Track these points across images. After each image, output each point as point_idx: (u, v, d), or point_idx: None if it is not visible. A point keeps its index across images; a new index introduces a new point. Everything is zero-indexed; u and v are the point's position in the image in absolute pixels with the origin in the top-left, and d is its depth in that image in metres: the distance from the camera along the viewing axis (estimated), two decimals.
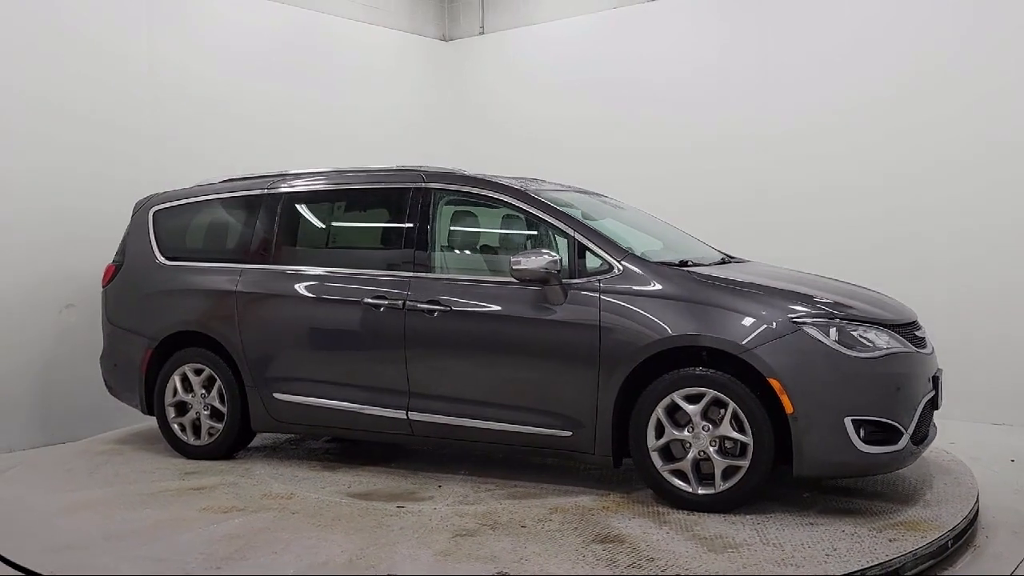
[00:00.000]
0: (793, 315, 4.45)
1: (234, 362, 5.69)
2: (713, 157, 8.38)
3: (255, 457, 5.87)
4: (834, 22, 7.86)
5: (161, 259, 6.08)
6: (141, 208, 6.35)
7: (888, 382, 4.41)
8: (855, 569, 3.75)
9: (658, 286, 4.69)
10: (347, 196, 5.82)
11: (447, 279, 5.20)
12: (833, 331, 4.40)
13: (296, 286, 5.56)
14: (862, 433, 4.32)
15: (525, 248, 5.33)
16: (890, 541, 4.06)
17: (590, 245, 4.89)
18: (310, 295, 5.51)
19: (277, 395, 5.57)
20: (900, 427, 4.41)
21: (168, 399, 5.91)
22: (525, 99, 9.63)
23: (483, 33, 10.05)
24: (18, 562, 4.08)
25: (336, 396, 5.41)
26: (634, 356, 4.60)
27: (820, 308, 4.51)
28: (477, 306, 5.03)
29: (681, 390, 4.52)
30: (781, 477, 4.56)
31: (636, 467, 4.70)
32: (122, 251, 6.30)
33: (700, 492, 4.51)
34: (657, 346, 4.56)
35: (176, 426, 5.91)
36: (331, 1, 9.08)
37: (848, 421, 4.30)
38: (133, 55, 7.39)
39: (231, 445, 5.79)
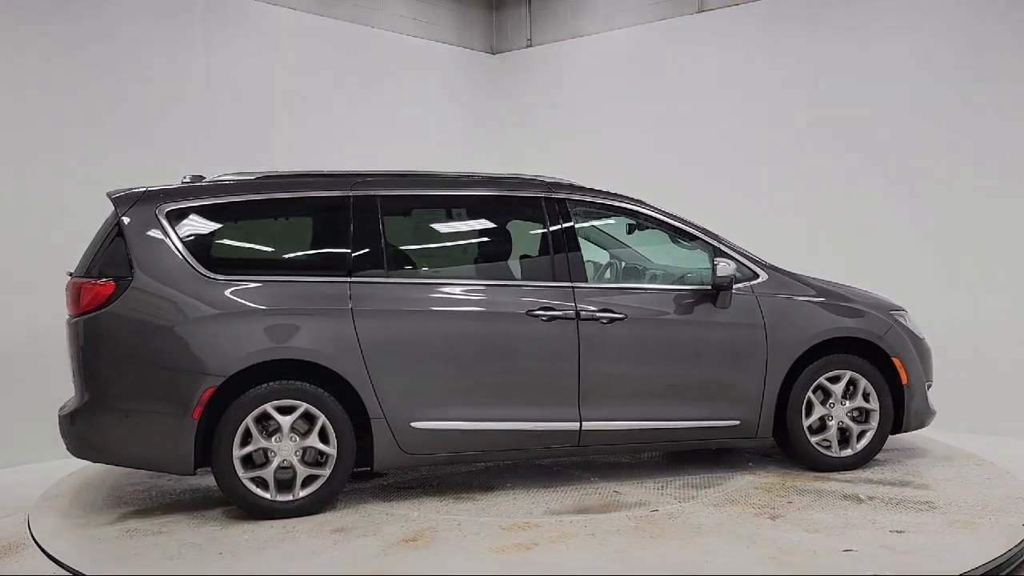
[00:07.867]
0: (890, 308, 5.76)
1: (350, 392, 4.80)
2: (763, 167, 8.40)
3: (350, 508, 4.98)
4: (884, 32, 7.82)
5: (206, 272, 4.73)
6: (138, 206, 4.80)
7: (930, 354, 5.97)
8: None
9: (803, 290, 5.56)
10: (466, 202, 5.34)
11: (614, 288, 5.30)
12: (906, 319, 5.83)
13: (437, 300, 4.98)
14: (929, 394, 5.83)
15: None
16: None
17: (735, 255, 5.52)
18: (457, 309, 4.99)
19: (416, 424, 4.89)
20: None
21: (236, 451, 4.67)
22: (572, 111, 9.51)
23: (530, 46, 9.95)
24: None
25: (495, 416, 5.01)
26: (799, 347, 5.43)
27: (894, 303, 5.90)
28: (654, 313, 5.26)
29: (826, 373, 5.49)
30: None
31: (793, 443, 5.48)
32: (124, 263, 4.69)
33: (843, 455, 5.53)
34: (817, 337, 5.45)
35: (249, 482, 4.70)
36: (380, 15, 9.15)
37: (926, 385, 5.78)
38: (189, 67, 7.66)
39: (332, 494, 4.85)
